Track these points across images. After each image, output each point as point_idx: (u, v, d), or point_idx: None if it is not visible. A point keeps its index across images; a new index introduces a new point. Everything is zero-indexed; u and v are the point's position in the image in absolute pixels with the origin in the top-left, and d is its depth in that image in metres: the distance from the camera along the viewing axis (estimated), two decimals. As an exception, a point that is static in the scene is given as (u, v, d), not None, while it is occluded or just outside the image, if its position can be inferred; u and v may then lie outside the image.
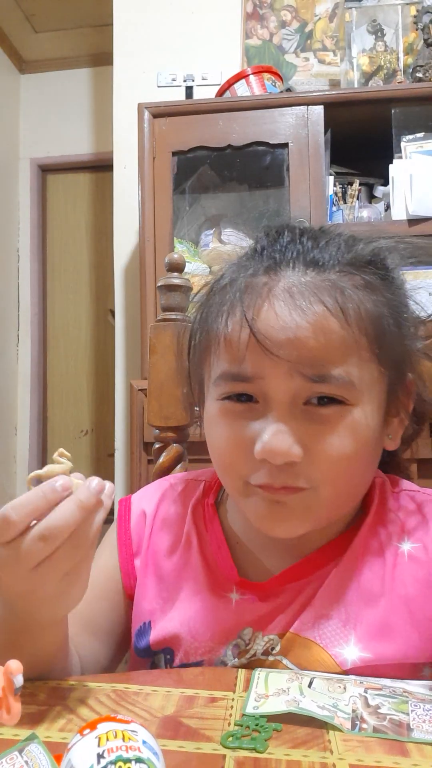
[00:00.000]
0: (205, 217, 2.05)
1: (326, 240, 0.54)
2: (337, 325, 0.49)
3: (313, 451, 0.51)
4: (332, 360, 0.49)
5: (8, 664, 0.47)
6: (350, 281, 0.51)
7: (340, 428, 0.51)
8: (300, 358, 0.49)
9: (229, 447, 0.54)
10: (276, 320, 0.49)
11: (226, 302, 0.53)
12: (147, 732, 0.36)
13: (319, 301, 0.49)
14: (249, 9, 2.25)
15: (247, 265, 0.54)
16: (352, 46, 1.98)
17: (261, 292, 0.51)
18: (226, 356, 0.53)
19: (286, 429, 0.50)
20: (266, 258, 0.53)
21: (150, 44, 2.27)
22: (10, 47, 3.56)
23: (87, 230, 3.73)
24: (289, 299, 0.50)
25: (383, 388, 0.54)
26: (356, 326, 0.50)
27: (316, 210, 1.79)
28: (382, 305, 0.52)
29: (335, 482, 0.52)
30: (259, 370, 0.51)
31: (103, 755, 0.34)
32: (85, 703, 0.49)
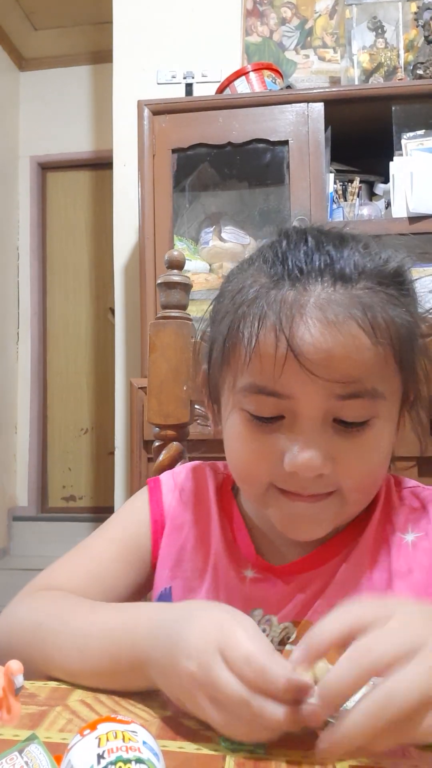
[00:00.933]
0: (205, 215, 2.04)
1: (349, 248, 0.53)
2: (369, 342, 0.50)
3: (342, 464, 0.53)
4: (364, 377, 0.51)
5: (9, 665, 0.47)
6: (377, 297, 0.51)
7: (368, 441, 0.53)
8: (334, 377, 0.50)
9: (253, 456, 0.55)
10: (311, 339, 0.49)
11: (256, 314, 0.52)
12: (147, 732, 0.36)
13: (351, 319, 0.50)
14: (249, 6, 2.24)
15: (272, 273, 0.53)
16: (352, 43, 1.97)
17: (293, 307, 0.50)
18: (257, 369, 0.52)
19: (317, 445, 0.51)
20: (293, 268, 0.52)
21: (150, 41, 2.27)
22: (10, 45, 3.55)
23: (87, 228, 3.73)
24: (322, 317, 0.50)
25: (399, 395, 0.56)
26: (386, 342, 0.51)
27: (317, 207, 1.78)
28: (404, 319, 0.53)
29: (361, 490, 0.55)
30: (292, 388, 0.51)
31: (103, 756, 0.34)
32: (86, 703, 0.49)
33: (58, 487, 3.70)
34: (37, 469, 3.64)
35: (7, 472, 3.51)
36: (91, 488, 3.68)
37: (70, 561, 0.66)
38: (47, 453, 3.71)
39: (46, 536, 3.46)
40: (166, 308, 0.89)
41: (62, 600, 0.59)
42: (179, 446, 0.88)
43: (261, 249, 0.57)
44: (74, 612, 0.56)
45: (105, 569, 0.64)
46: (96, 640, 0.51)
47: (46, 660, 0.53)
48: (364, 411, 0.52)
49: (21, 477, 3.62)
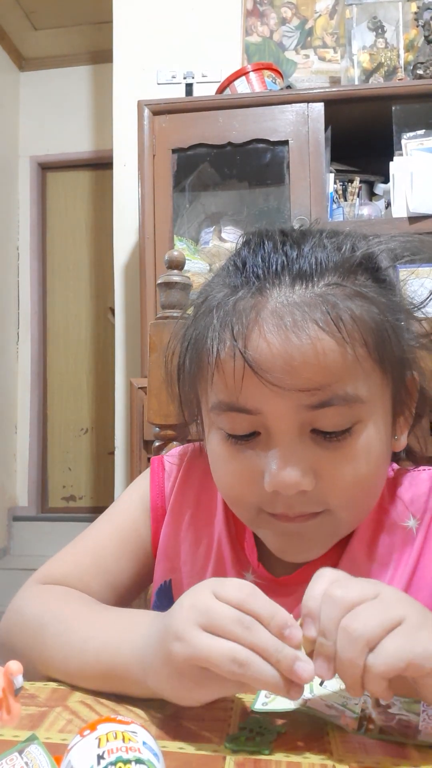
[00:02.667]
0: (205, 215, 2.04)
1: (310, 245, 0.50)
2: (334, 343, 0.46)
3: (326, 478, 0.49)
4: (334, 382, 0.47)
5: (8, 665, 0.47)
6: (341, 292, 0.48)
7: (353, 450, 0.49)
8: (298, 386, 0.46)
9: (235, 480, 0.52)
10: (269, 349, 0.47)
11: (214, 327, 0.50)
12: (147, 733, 0.36)
13: (311, 321, 0.46)
14: (249, 6, 2.24)
15: (231, 282, 0.51)
16: (352, 43, 1.97)
17: (249, 316, 0.48)
18: (220, 386, 0.50)
19: (294, 460, 0.48)
20: (250, 274, 0.50)
21: (150, 41, 2.27)
22: (10, 45, 3.55)
23: (87, 228, 3.73)
24: (279, 323, 0.47)
25: (388, 394, 0.52)
26: (354, 340, 0.47)
27: (317, 207, 1.78)
28: (377, 312, 0.49)
29: (352, 505, 0.52)
30: (258, 404, 0.48)
31: (103, 756, 0.34)
32: (86, 704, 0.49)
33: (58, 487, 3.70)
34: (37, 469, 3.64)
35: (7, 472, 3.51)
36: (91, 488, 3.67)
37: (74, 550, 0.65)
38: (47, 453, 3.71)
39: (46, 536, 3.46)
40: (166, 308, 0.89)
41: (65, 600, 0.59)
42: (179, 446, 0.88)
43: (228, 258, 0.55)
44: (76, 614, 0.55)
45: (107, 559, 0.63)
46: (95, 645, 0.50)
47: (47, 661, 0.53)
48: (342, 419, 0.48)
49: (21, 477, 3.62)
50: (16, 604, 0.60)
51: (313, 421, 0.48)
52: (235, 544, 0.61)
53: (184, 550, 0.63)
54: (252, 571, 0.60)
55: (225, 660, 0.39)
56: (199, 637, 0.40)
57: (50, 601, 0.58)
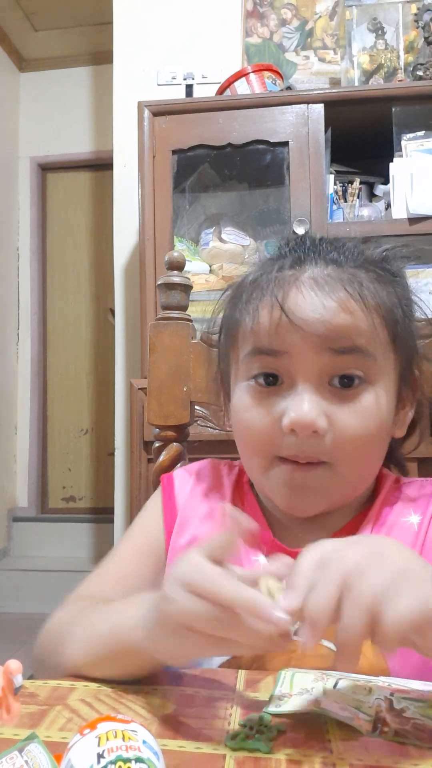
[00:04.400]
0: (205, 216, 2.05)
1: (341, 244, 0.61)
2: (358, 308, 0.55)
3: (336, 427, 0.55)
4: (354, 334, 0.55)
5: (8, 664, 0.47)
6: (365, 274, 0.57)
7: (360, 406, 0.56)
8: (327, 331, 0.54)
9: (256, 424, 0.58)
10: (304, 301, 0.55)
11: (255, 292, 0.59)
12: (147, 732, 0.36)
13: (341, 288, 0.55)
14: (249, 7, 2.24)
15: (273, 262, 0.60)
16: (352, 45, 1.97)
17: (289, 281, 0.57)
18: (256, 335, 0.58)
19: (311, 401, 0.55)
20: (291, 253, 0.60)
21: (150, 42, 2.27)
22: (10, 46, 3.56)
23: (87, 229, 3.73)
24: (314, 285, 0.56)
25: (395, 377, 0.59)
26: (374, 311, 0.56)
27: (317, 208, 1.79)
28: (393, 297, 0.58)
29: (352, 460, 0.57)
30: (288, 345, 0.56)
31: (103, 755, 0.34)
32: (86, 702, 0.49)
33: (58, 488, 3.70)
34: (37, 470, 3.64)
35: (7, 473, 3.51)
36: (91, 489, 3.67)
37: (99, 571, 0.70)
38: (47, 453, 3.71)
39: (46, 537, 3.46)
40: (166, 309, 0.89)
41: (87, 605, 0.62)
42: (179, 447, 0.88)
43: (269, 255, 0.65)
44: (93, 609, 0.59)
45: (128, 572, 0.68)
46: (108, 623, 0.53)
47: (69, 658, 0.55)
48: (356, 367, 0.55)
49: (21, 477, 3.62)
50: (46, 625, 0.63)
51: (332, 368, 0.55)
52: None
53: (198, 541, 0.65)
54: (266, 551, 0.62)
55: (205, 618, 0.40)
56: (183, 597, 0.41)
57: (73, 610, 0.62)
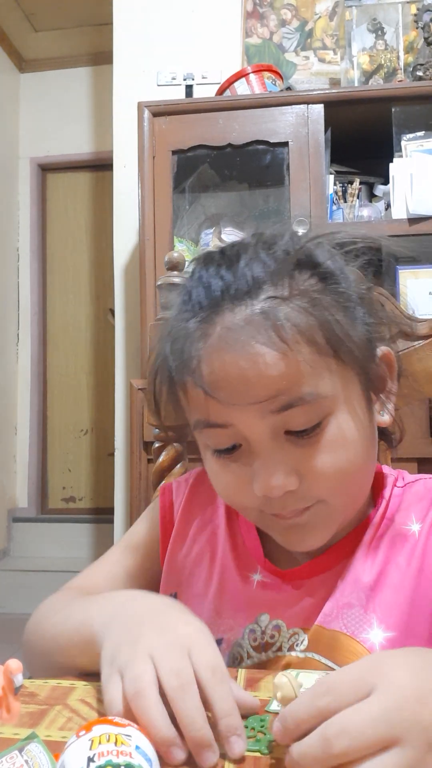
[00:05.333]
0: (205, 216, 2.05)
1: (246, 260, 0.53)
2: (279, 355, 0.49)
3: (310, 474, 0.52)
4: (290, 387, 0.49)
5: (8, 664, 0.48)
6: (279, 303, 0.50)
7: (329, 443, 0.51)
8: (256, 399, 0.49)
9: (231, 491, 0.56)
10: (222, 369, 0.50)
11: (175, 357, 0.54)
12: (143, 736, 0.36)
13: (254, 339, 0.49)
14: (249, 7, 2.24)
15: (183, 316, 0.55)
16: (352, 45, 1.98)
17: (201, 344, 0.52)
18: (194, 406, 0.54)
19: (275, 464, 0.51)
20: (196, 305, 0.53)
21: (150, 43, 2.27)
22: (10, 46, 3.56)
23: (87, 229, 3.73)
24: (227, 346, 0.50)
25: (356, 380, 0.54)
26: (300, 345, 0.49)
27: (316, 209, 1.79)
28: (323, 309, 0.50)
29: (342, 493, 0.54)
30: (227, 419, 0.52)
31: (93, 759, 0.33)
32: (86, 701, 0.49)
33: (58, 488, 3.70)
34: (37, 470, 3.64)
35: (7, 473, 3.51)
36: (91, 489, 3.67)
37: (92, 566, 0.71)
38: (47, 454, 3.70)
39: (46, 537, 3.46)
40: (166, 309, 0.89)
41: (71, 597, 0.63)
42: (179, 447, 0.88)
43: (182, 286, 0.58)
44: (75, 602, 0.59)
45: (119, 574, 0.68)
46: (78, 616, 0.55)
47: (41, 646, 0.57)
48: (309, 416, 0.51)
49: (21, 478, 3.62)
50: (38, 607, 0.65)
51: (283, 424, 0.51)
52: (238, 549, 0.63)
53: (189, 563, 0.65)
54: (259, 570, 0.61)
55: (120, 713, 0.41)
56: (115, 691, 0.42)
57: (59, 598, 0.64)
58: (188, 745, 0.40)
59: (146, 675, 0.42)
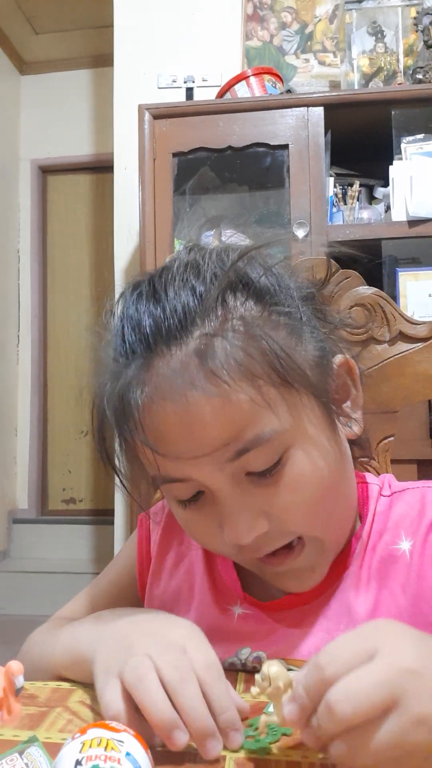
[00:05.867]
0: (205, 219, 2.04)
1: (174, 288, 0.49)
2: (220, 399, 0.45)
3: (280, 513, 0.49)
4: (239, 431, 0.46)
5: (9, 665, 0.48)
6: (215, 339, 0.46)
7: (294, 477, 0.48)
8: (205, 451, 0.46)
9: (203, 538, 0.54)
10: (164, 425, 0.47)
11: (112, 408, 0.51)
12: (137, 743, 0.36)
13: (191, 386, 0.45)
14: (249, 11, 2.25)
15: (117, 363, 0.50)
16: (352, 48, 1.98)
17: (140, 397, 0.47)
18: (146, 463, 0.51)
19: (240, 510, 0.48)
20: (129, 351, 0.49)
21: (150, 46, 2.27)
22: (11, 48, 3.56)
23: (87, 231, 3.73)
24: (165, 396, 0.46)
25: (312, 401, 0.50)
26: (245, 383, 0.45)
27: (316, 211, 1.79)
28: (262, 337, 0.46)
29: (322, 525, 0.51)
30: (182, 473, 0.49)
31: (80, 762, 0.33)
32: (86, 704, 0.49)
33: (58, 490, 3.70)
34: (37, 472, 3.64)
35: (7, 475, 3.51)
36: (91, 491, 3.67)
37: (78, 597, 0.71)
38: (47, 455, 3.70)
39: (46, 539, 3.46)
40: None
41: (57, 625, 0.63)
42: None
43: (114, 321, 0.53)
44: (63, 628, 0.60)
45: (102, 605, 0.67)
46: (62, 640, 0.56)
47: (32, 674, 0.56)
48: (267, 456, 0.47)
49: (21, 479, 3.62)
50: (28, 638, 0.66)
51: (242, 468, 0.48)
52: (216, 583, 0.61)
53: (168, 600, 0.63)
54: (239, 603, 0.59)
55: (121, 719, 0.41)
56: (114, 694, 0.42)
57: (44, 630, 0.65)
58: (192, 736, 0.40)
59: (145, 664, 0.42)
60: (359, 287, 0.79)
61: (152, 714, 0.40)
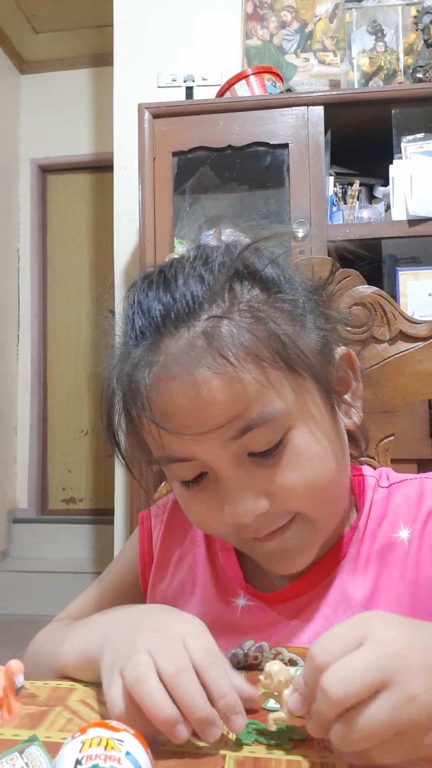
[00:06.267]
0: (205, 218, 2.05)
1: (183, 278, 0.51)
2: (227, 378, 0.47)
3: (279, 492, 0.50)
4: (243, 409, 0.48)
5: (10, 664, 0.48)
6: (222, 322, 0.48)
7: (294, 459, 0.50)
8: (210, 427, 0.48)
9: (203, 520, 0.55)
10: (171, 402, 0.48)
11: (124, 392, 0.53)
12: (137, 742, 0.36)
13: (199, 365, 0.47)
14: (249, 9, 2.25)
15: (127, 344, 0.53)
16: (352, 47, 1.98)
17: (148, 376, 0.49)
18: (151, 442, 0.53)
19: (242, 489, 0.50)
20: (138, 333, 0.51)
21: (150, 45, 2.27)
22: (11, 48, 3.56)
23: (87, 231, 3.73)
24: (173, 375, 0.48)
25: (314, 387, 0.52)
26: (248, 363, 0.47)
27: (316, 210, 1.79)
28: (267, 321, 0.48)
29: (318, 506, 0.52)
30: (186, 452, 0.50)
31: (80, 761, 0.34)
32: (86, 703, 0.49)
33: (58, 489, 3.70)
34: (37, 471, 3.64)
35: (7, 474, 3.51)
36: (91, 490, 3.67)
37: (83, 595, 0.72)
38: (47, 455, 3.70)
39: (46, 538, 3.46)
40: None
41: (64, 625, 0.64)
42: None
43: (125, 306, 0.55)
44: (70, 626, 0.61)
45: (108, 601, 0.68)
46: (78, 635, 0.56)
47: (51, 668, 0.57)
48: (269, 436, 0.49)
49: (21, 479, 3.62)
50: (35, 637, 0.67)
51: (244, 447, 0.49)
52: (219, 577, 0.62)
53: (170, 596, 0.64)
54: (242, 595, 0.60)
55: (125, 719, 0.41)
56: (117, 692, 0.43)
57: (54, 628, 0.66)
58: (192, 726, 0.41)
59: (144, 663, 0.42)
60: (359, 286, 0.79)
61: (153, 713, 0.40)
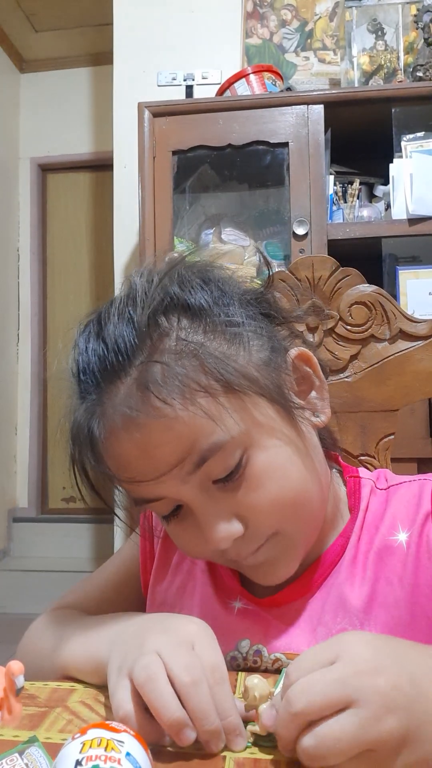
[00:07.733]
0: (205, 217, 2.04)
1: (114, 321, 0.50)
2: (166, 420, 0.47)
3: (251, 514, 0.51)
4: (192, 444, 0.48)
5: (10, 665, 0.48)
6: (153, 363, 0.48)
7: (257, 477, 0.50)
8: (164, 470, 0.48)
9: (190, 548, 0.55)
10: (121, 453, 0.50)
11: (78, 445, 0.53)
12: (137, 743, 0.36)
13: (140, 414, 0.48)
14: (249, 8, 2.24)
15: (75, 398, 0.54)
16: (352, 45, 1.97)
17: (96, 431, 0.50)
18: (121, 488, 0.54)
19: (213, 518, 0.50)
20: (83, 390, 0.52)
21: (150, 43, 2.27)
22: (10, 46, 3.56)
23: (87, 229, 3.73)
24: (118, 427, 0.49)
25: (265, 400, 0.51)
26: (186, 401, 0.47)
27: (316, 209, 1.79)
28: (199, 351, 0.48)
29: (292, 520, 0.52)
30: (152, 493, 0.51)
31: (81, 762, 0.34)
32: (86, 704, 0.49)
33: (58, 488, 3.70)
34: (37, 470, 3.64)
35: (7, 474, 3.51)
36: (91, 489, 3.67)
37: (84, 583, 0.72)
38: (47, 454, 3.70)
39: (46, 537, 3.46)
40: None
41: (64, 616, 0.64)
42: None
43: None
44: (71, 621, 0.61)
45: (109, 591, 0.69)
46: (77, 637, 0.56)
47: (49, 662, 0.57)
48: (226, 461, 0.49)
49: (21, 478, 3.62)
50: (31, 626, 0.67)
51: (206, 476, 0.50)
52: (217, 579, 0.62)
53: (171, 596, 0.64)
54: (239, 598, 0.60)
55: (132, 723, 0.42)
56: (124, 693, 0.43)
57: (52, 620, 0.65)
58: (200, 736, 0.41)
59: (154, 663, 0.42)
60: (359, 285, 0.79)
61: (162, 714, 0.41)
